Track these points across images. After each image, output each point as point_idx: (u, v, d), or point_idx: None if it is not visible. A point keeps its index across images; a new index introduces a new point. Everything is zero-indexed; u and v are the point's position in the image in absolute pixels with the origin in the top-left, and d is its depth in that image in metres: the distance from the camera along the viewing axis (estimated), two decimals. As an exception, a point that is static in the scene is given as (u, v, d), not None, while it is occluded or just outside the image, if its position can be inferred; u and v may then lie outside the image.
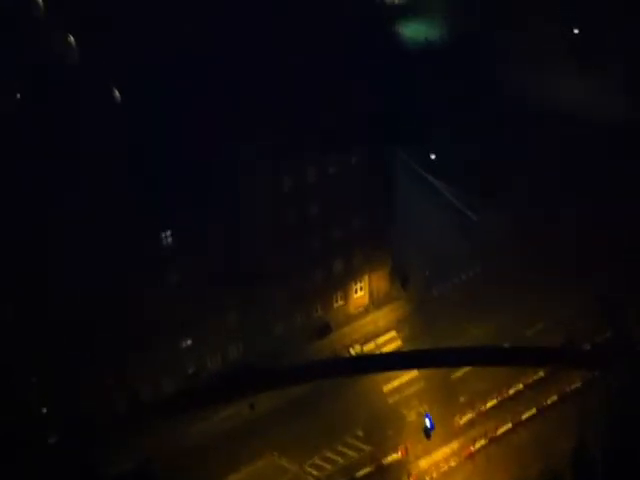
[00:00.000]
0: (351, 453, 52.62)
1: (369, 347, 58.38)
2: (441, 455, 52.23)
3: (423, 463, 51.97)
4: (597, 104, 65.84)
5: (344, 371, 54.63)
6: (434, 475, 51.48)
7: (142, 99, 51.91)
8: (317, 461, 52.10)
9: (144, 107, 51.21)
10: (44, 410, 52.30)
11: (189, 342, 54.15)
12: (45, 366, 50.02)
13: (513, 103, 66.37)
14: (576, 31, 69.16)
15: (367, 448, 52.73)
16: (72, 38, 64.00)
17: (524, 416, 53.66)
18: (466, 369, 55.45)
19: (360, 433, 53.42)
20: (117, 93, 56.89)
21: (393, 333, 59.06)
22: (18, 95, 59.19)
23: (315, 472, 51.64)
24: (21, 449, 49.01)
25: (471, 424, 53.53)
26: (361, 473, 51.69)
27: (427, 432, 52.20)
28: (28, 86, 57.90)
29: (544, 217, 62.57)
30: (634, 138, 64.01)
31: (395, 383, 56.21)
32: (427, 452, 52.26)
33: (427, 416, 52.36)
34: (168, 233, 51.85)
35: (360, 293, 60.42)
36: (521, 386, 55.04)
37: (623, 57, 69.11)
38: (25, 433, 50.08)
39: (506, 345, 54.51)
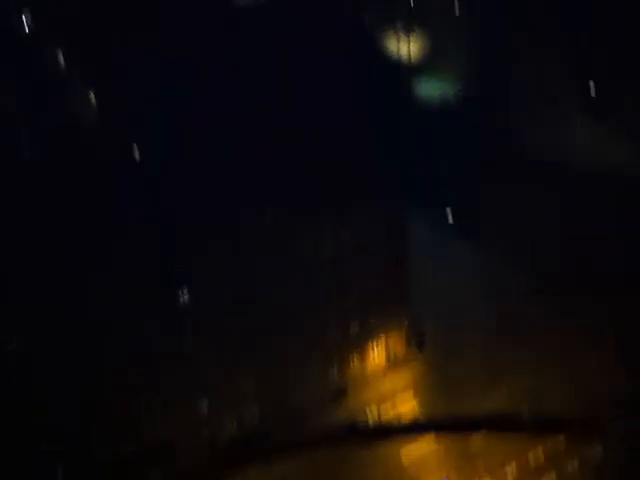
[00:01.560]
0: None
1: (385, 409, 57.68)
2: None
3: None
4: (615, 164, 65.51)
5: (360, 438, 53.91)
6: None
7: (161, 161, 52.14)
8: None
9: (163, 170, 51.40)
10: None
11: (204, 405, 53.67)
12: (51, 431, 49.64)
13: (529, 163, 66.09)
14: (592, 86, 69.03)
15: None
16: (93, 96, 64.88)
17: (545, 483, 52.78)
18: (485, 434, 54.58)
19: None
20: (137, 153, 57.20)
21: (410, 394, 58.37)
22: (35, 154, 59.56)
23: None
24: None
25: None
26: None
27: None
28: (44, 146, 58.34)
29: (566, 275, 61.89)
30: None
31: (412, 448, 55.40)
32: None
33: (446, 482, 51.66)
34: (185, 291, 51.85)
35: (376, 354, 59.83)
36: (541, 452, 54.08)
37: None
38: None
39: (525, 411, 53.71)
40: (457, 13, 70.55)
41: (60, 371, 48.37)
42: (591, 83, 68.15)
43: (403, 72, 71.86)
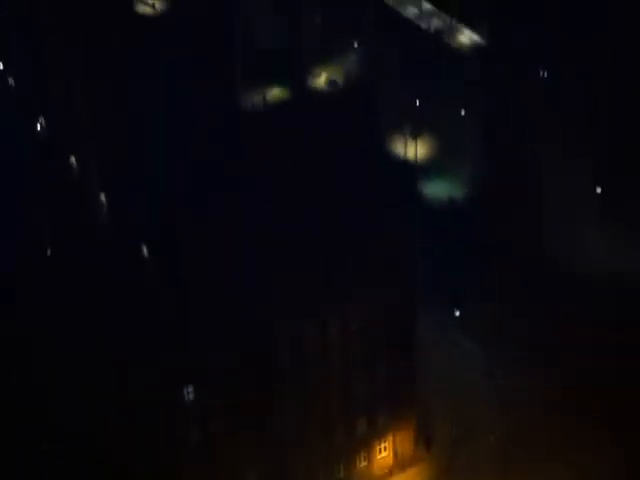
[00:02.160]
0: None
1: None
2: None
3: None
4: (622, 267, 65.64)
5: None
6: None
7: (170, 253, 52.99)
8: None
9: (172, 261, 52.21)
10: None
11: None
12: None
13: (538, 261, 66.42)
14: (599, 190, 69.87)
15: None
16: (104, 197, 66.33)
17: None
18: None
19: None
20: (145, 250, 58.12)
21: (418, 497, 57.24)
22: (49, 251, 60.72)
23: None
24: None
25: None
26: None
27: None
28: (60, 244, 59.59)
29: (577, 372, 61.28)
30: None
31: None
32: None
33: None
34: (190, 389, 51.69)
35: (384, 453, 58.79)
36: None
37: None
38: None
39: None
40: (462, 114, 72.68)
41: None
42: (598, 189, 69.24)
43: (411, 173, 73.45)
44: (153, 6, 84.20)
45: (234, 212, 58.16)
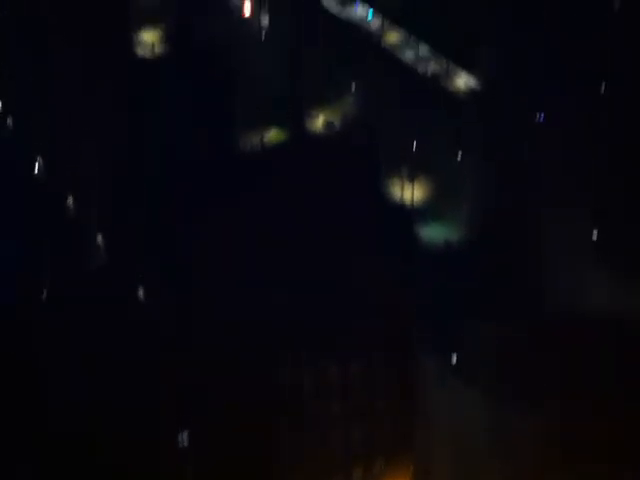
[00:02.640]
0: None
1: None
2: None
3: None
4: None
5: None
6: None
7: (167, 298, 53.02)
8: None
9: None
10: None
11: None
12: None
13: (536, 307, 66.15)
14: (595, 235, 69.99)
15: None
16: (101, 238, 66.47)
17: None
18: None
19: None
20: (142, 293, 58.12)
21: None
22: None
23: None
24: None
25: None
26: None
27: None
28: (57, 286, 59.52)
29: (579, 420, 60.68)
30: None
31: None
32: None
33: None
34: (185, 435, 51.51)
35: (380, 500, 58.36)
36: None
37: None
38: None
39: None
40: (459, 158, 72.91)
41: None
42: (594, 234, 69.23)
43: (408, 216, 73.45)
44: (153, 49, 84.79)
45: (231, 255, 58.43)
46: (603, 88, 70.44)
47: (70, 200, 69.76)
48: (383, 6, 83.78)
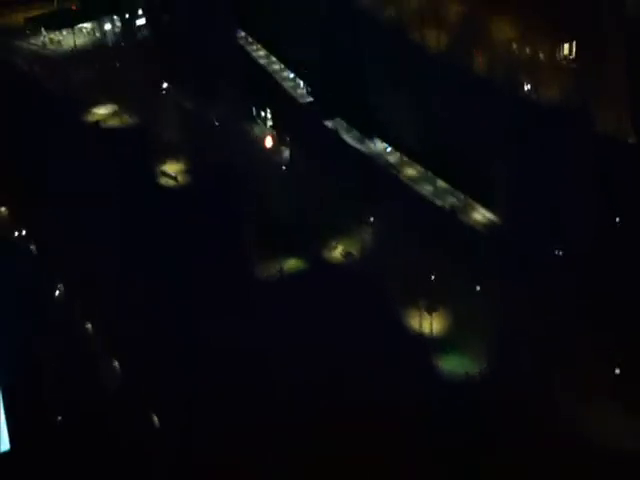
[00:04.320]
0: None
1: None
2: None
3: None
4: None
5: None
6: None
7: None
8: None
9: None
10: None
11: None
12: None
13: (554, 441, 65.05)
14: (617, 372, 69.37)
15: None
16: (117, 363, 66.30)
17: None
18: None
19: None
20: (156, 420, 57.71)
21: None
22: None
23: None
24: None
25: None
26: None
27: None
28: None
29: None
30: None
31: None
32: None
33: None
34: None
35: None
36: None
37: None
38: None
39: None
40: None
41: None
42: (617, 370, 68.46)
43: (426, 348, 72.94)
44: (175, 179, 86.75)
45: (247, 380, 58.38)
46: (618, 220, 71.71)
47: (89, 325, 70.01)
48: (401, 141, 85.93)
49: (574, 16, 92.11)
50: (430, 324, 71.21)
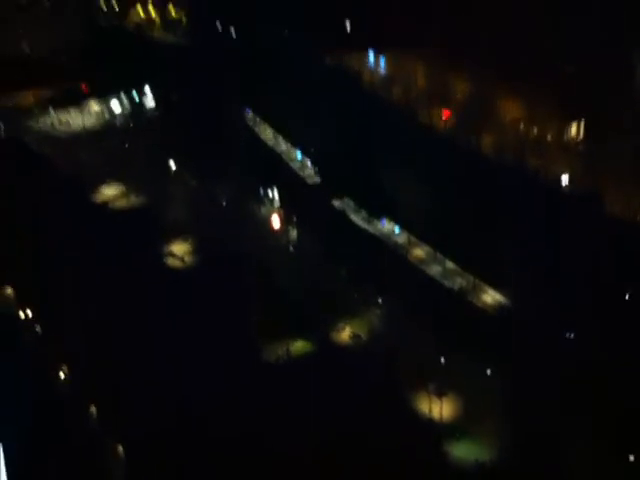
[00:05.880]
0: None
1: None
2: None
3: None
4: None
5: None
6: None
7: None
8: None
9: None
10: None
11: None
12: None
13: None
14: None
15: None
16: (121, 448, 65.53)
17: None
18: None
19: None
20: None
21: None
22: None
23: None
24: None
25: None
26: None
27: None
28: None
29: None
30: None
31: None
32: None
33: None
34: None
35: None
36: None
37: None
38: None
39: None
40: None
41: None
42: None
43: (436, 433, 71.65)
44: (182, 259, 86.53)
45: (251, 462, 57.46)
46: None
47: (93, 410, 69.28)
48: (409, 222, 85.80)
49: (582, 96, 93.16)
50: (440, 409, 70.14)
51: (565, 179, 78.61)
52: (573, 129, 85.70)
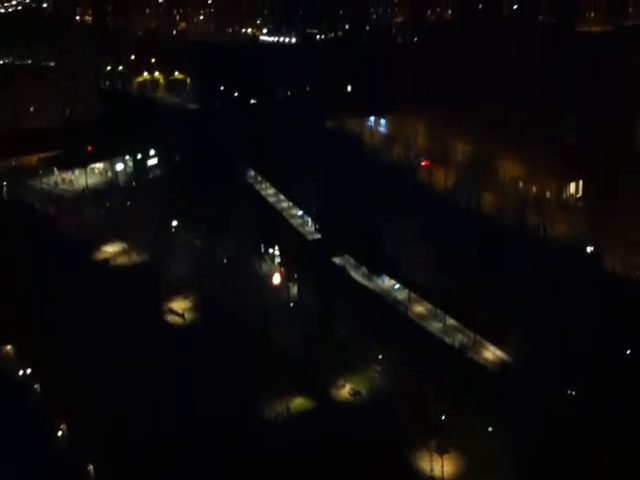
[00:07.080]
0: None
1: None
2: None
3: None
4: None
5: None
6: None
7: None
8: None
9: None
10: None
11: None
12: None
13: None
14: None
15: None
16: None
17: None
18: None
19: None
20: None
21: None
22: None
23: None
24: None
25: None
26: None
27: None
28: None
29: None
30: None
31: None
32: None
33: None
34: None
35: None
36: None
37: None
38: None
39: None
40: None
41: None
42: None
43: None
44: (183, 316, 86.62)
45: None
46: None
47: (91, 469, 68.68)
48: (410, 278, 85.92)
49: (581, 155, 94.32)
50: (441, 467, 69.40)
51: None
52: (572, 187, 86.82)
